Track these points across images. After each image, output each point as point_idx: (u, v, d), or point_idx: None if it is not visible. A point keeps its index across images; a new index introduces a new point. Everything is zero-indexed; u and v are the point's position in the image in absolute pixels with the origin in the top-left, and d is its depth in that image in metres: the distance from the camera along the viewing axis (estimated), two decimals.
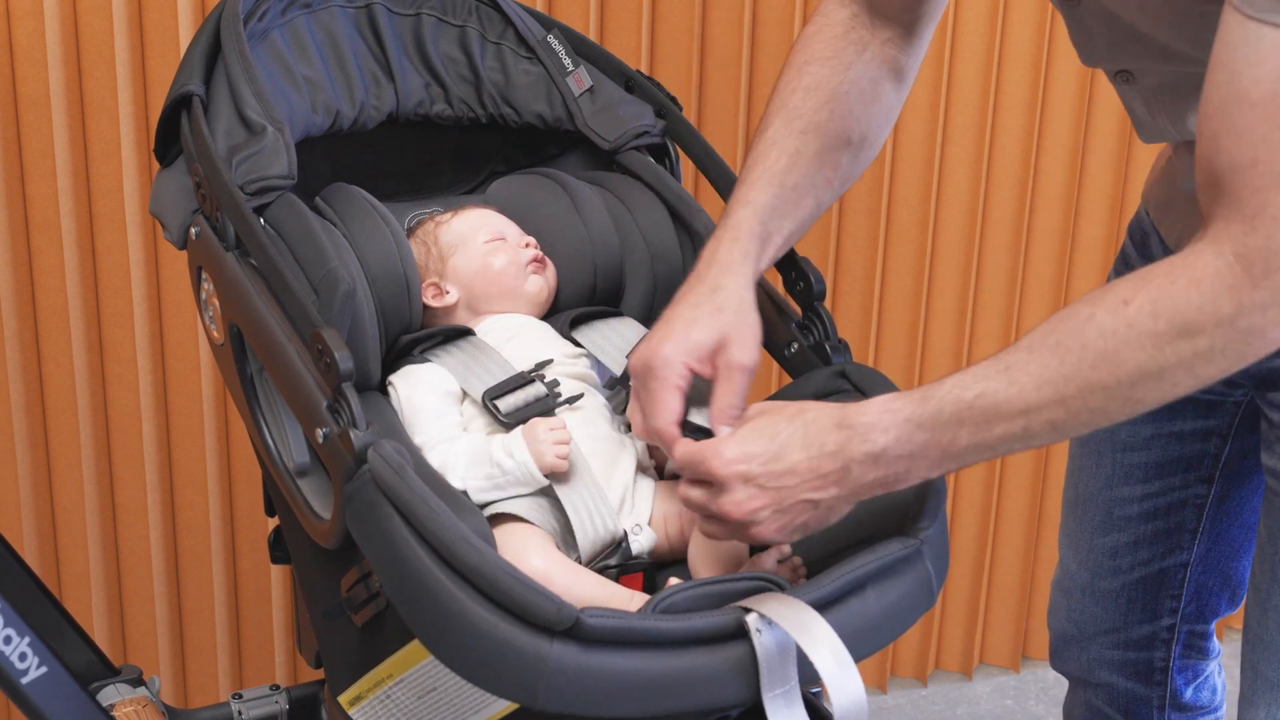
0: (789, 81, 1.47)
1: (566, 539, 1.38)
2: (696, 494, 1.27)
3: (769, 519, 1.25)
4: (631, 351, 1.41)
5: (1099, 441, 1.69)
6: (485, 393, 1.43)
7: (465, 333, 1.51)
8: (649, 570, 1.40)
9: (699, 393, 1.39)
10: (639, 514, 1.41)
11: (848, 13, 1.48)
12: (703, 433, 1.35)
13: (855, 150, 1.47)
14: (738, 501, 1.24)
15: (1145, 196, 1.61)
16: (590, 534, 1.37)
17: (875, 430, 1.23)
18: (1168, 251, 1.55)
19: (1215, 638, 1.78)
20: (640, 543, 1.39)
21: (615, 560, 1.38)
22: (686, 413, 1.37)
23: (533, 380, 1.44)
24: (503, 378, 1.45)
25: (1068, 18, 1.44)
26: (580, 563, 1.36)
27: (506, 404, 1.42)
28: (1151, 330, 1.17)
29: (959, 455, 1.22)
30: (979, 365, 1.23)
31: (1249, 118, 1.13)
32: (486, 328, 1.53)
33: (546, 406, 1.42)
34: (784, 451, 1.24)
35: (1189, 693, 1.77)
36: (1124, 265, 1.65)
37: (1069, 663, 1.81)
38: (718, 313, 1.37)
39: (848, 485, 1.24)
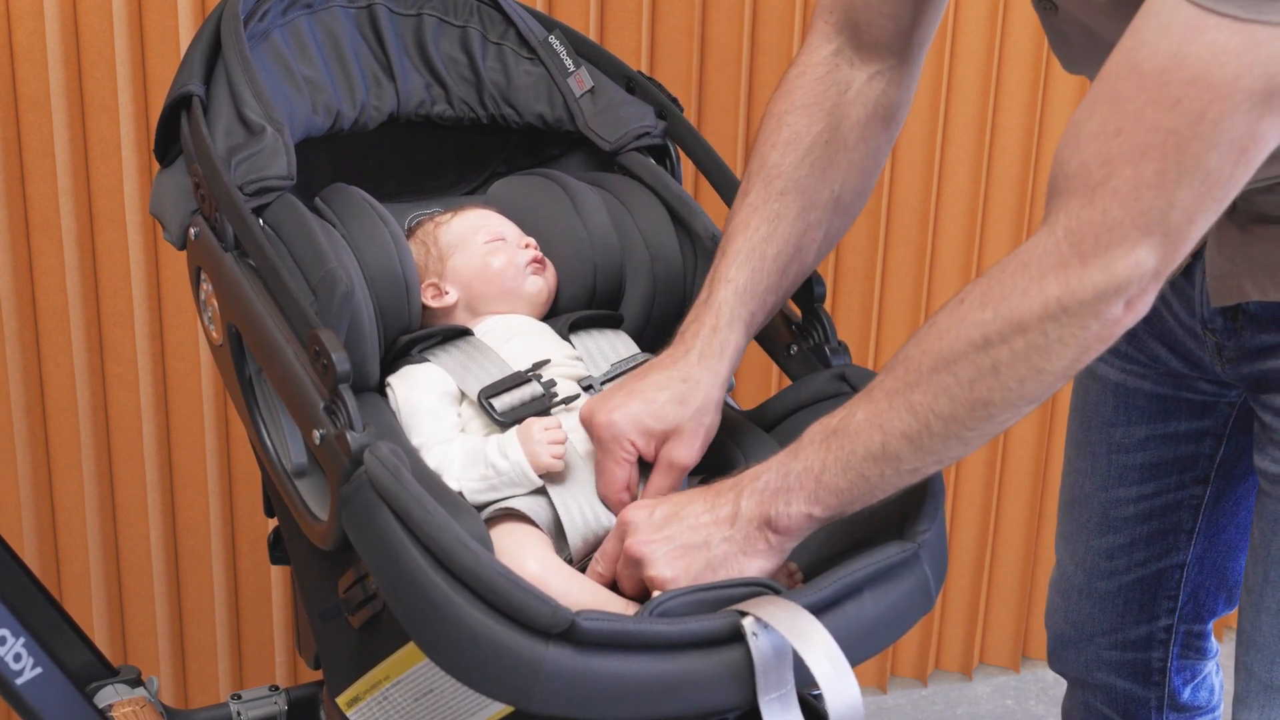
0: (768, 135, 1.44)
1: (562, 538, 1.38)
2: (611, 551, 1.30)
3: (664, 558, 1.25)
4: (589, 403, 1.40)
5: (1094, 443, 1.69)
6: (481, 391, 1.43)
7: (464, 333, 1.51)
8: None
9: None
10: None
11: (831, 48, 1.45)
12: None
13: (840, 206, 1.45)
14: (638, 540, 1.26)
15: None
16: (582, 533, 1.36)
17: (761, 467, 1.25)
18: None
19: (1213, 638, 1.78)
20: None
21: None
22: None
23: (529, 380, 1.44)
24: (500, 377, 1.45)
25: (1046, 26, 1.43)
26: (571, 562, 1.36)
27: (502, 403, 1.42)
28: (980, 320, 1.15)
29: (832, 485, 1.22)
30: (853, 397, 1.24)
31: (1131, 86, 1.10)
32: (485, 328, 1.53)
33: (542, 406, 1.42)
34: (687, 498, 1.28)
35: (1187, 693, 1.77)
36: None
37: (1067, 664, 1.82)
38: (679, 404, 1.37)
39: (739, 524, 1.24)
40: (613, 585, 1.35)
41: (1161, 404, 1.62)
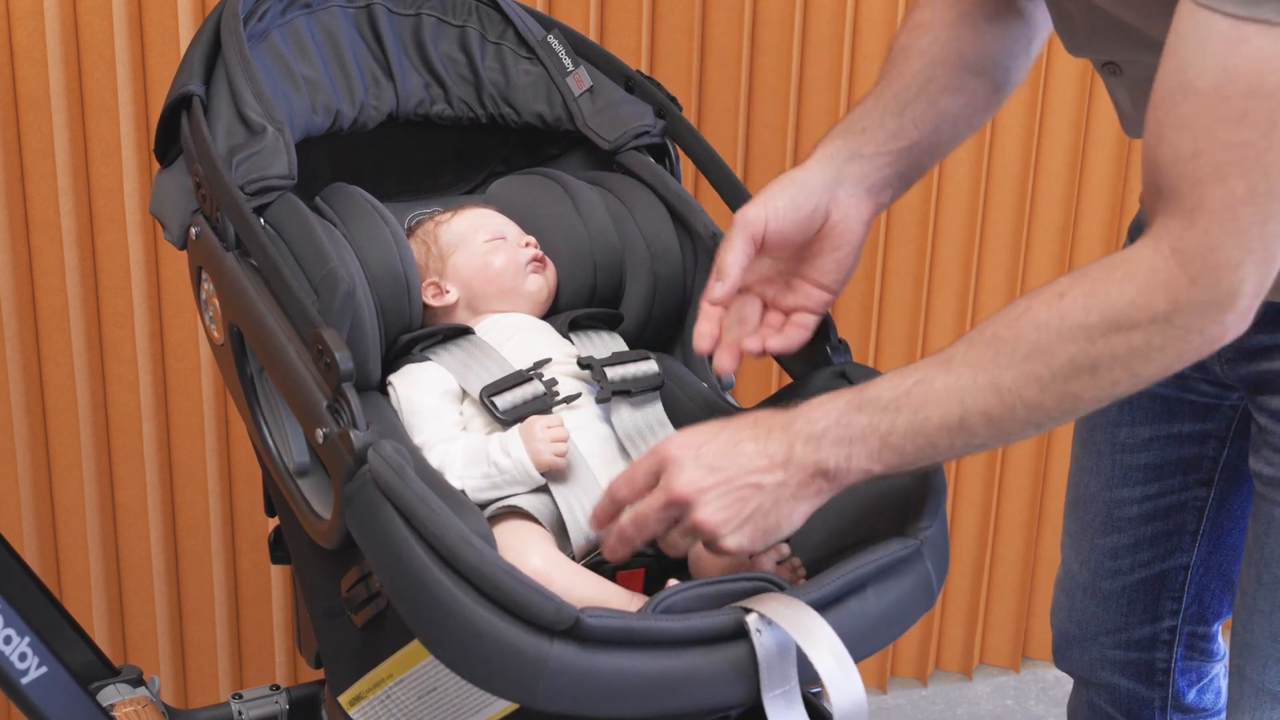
0: (893, 43, 1.48)
1: (565, 534, 1.38)
2: (655, 496, 1.25)
3: (716, 500, 1.22)
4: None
5: (1100, 442, 1.69)
6: (483, 390, 1.43)
7: (465, 331, 1.51)
8: (649, 569, 1.40)
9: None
10: None
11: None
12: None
13: (970, 68, 1.45)
14: (687, 481, 1.22)
15: (1142, 197, 1.61)
16: (584, 531, 1.36)
17: (816, 411, 1.23)
18: None
19: (1219, 640, 1.78)
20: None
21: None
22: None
23: (530, 379, 1.44)
24: (501, 376, 1.45)
25: (1050, 7, 1.44)
26: (576, 558, 1.36)
27: (504, 401, 1.42)
28: (1083, 323, 1.16)
29: (898, 446, 1.21)
30: (924, 359, 1.23)
31: (1193, 108, 1.12)
32: (486, 327, 1.53)
33: (544, 405, 1.42)
34: (733, 434, 1.24)
35: (1192, 695, 1.77)
36: None
37: (1071, 662, 1.81)
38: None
39: (792, 468, 1.22)
40: (605, 571, 1.35)
41: (1165, 405, 1.62)
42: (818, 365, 1.50)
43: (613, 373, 1.46)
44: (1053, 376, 1.17)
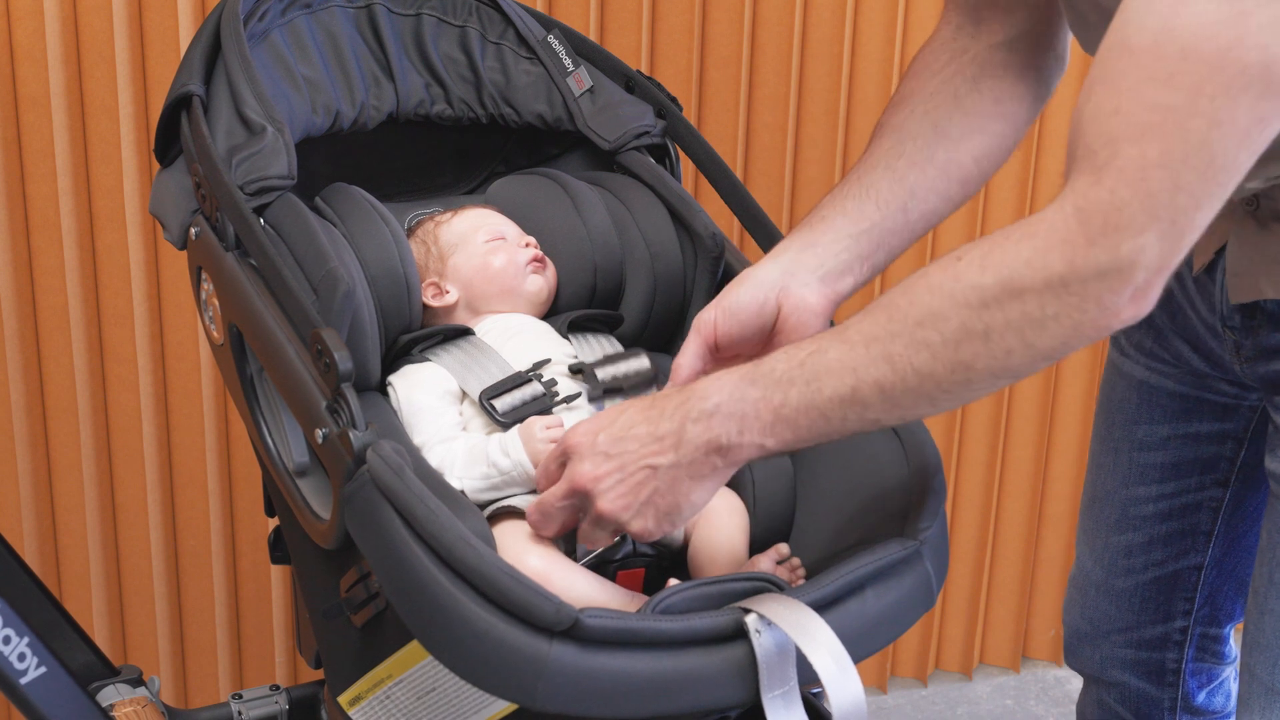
0: (896, 100, 1.44)
1: (566, 536, 1.38)
2: (559, 486, 1.26)
3: (613, 488, 1.22)
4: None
5: (1118, 439, 1.68)
6: (482, 392, 1.43)
7: (465, 332, 1.51)
8: (648, 569, 1.40)
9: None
10: None
11: (952, 26, 1.46)
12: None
13: (942, 131, 1.42)
14: (586, 470, 1.23)
15: None
16: None
17: (710, 387, 1.21)
18: None
19: (1231, 643, 1.77)
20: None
21: (615, 557, 1.38)
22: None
23: (530, 380, 1.44)
24: (501, 377, 1.45)
25: (1065, 6, 1.43)
26: (577, 558, 1.36)
27: (503, 403, 1.42)
28: (977, 284, 1.13)
29: (791, 419, 1.18)
30: (823, 330, 1.21)
31: (1124, 65, 1.09)
32: (486, 327, 1.53)
33: (543, 406, 1.42)
34: (628, 418, 1.24)
35: (1202, 696, 1.77)
36: None
37: (1082, 660, 1.81)
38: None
39: (684, 448, 1.20)
40: (605, 571, 1.35)
41: (1184, 403, 1.61)
42: None
43: (603, 373, 1.46)
44: (943, 342, 1.14)
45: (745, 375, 1.21)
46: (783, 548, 1.38)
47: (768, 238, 1.55)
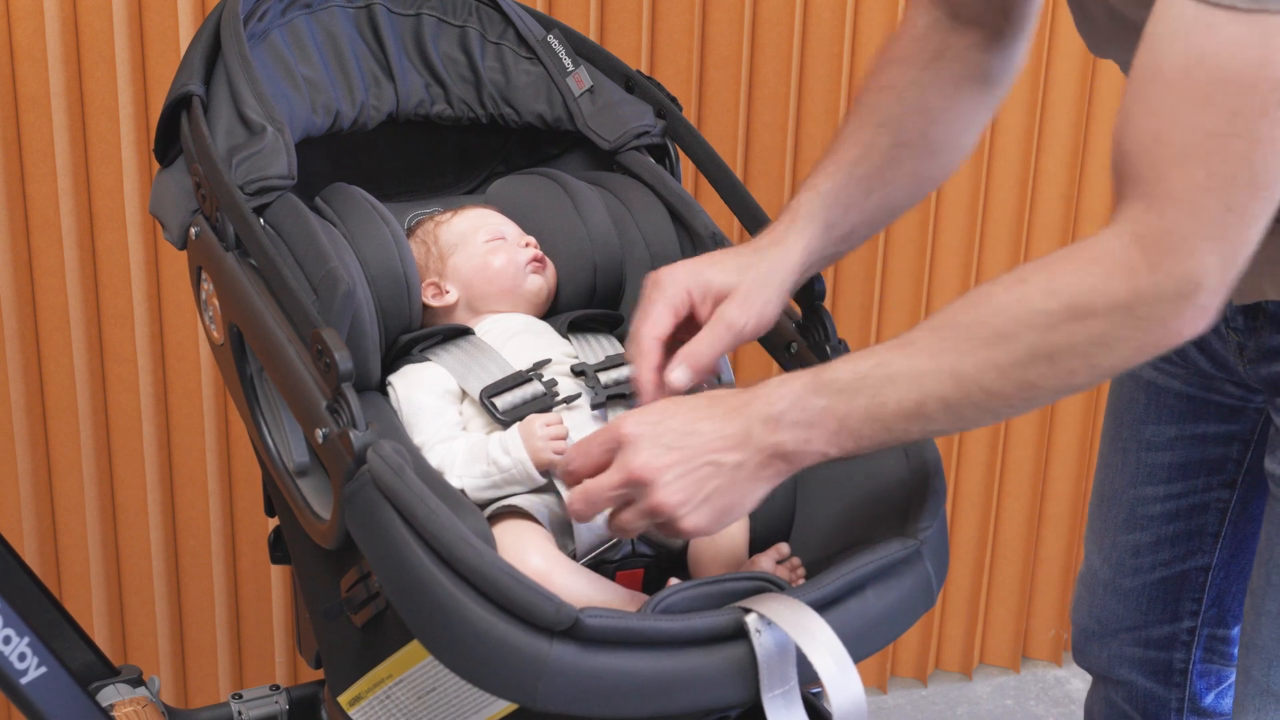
0: (868, 81, 1.46)
1: (565, 534, 1.38)
2: (612, 475, 1.24)
3: (675, 480, 1.21)
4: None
5: (1125, 439, 1.68)
6: (482, 391, 1.43)
7: (465, 332, 1.51)
8: (648, 569, 1.40)
9: None
10: None
11: (928, 20, 1.46)
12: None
13: (932, 150, 1.45)
14: (645, 460, 1.21)
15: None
16: (588, 529, 1.36)
17: (775, 392, 1.22)
18: None
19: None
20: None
21: (615, 557, 1.38)
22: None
23: (530, 379, 1.44)
24: (501, 376, 1.45)
25: (1072, 7, 1.43)
26: (576, 557, 1.36)
27: (504, 401, 1.42)
28: (1044, 309, 1.15)
29: (855, 430, 1.20)
30: (883, 342, 1.22)
31: (1159, 92, 1.11)
32: (486, 327, 1.53)
33: (544, 405, 1.42)
34: (690, 413, 1.24)
35: (1210, 698, 1.77)
36: None
37: (1090, 658, 1.81)
38: (744, 269, 1.37)
39: (749, 449, 1.21)
40: (605, 571, 1.34)
41: (1191, 404, 1.61)
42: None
43: (606, 377, 1.46)
44: (1012, 363, 1.16)
45: (808, 384, 1.22)
46: (783, 547, 1.38)
47: None
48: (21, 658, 1.49)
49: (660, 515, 1.23)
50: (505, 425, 1.40)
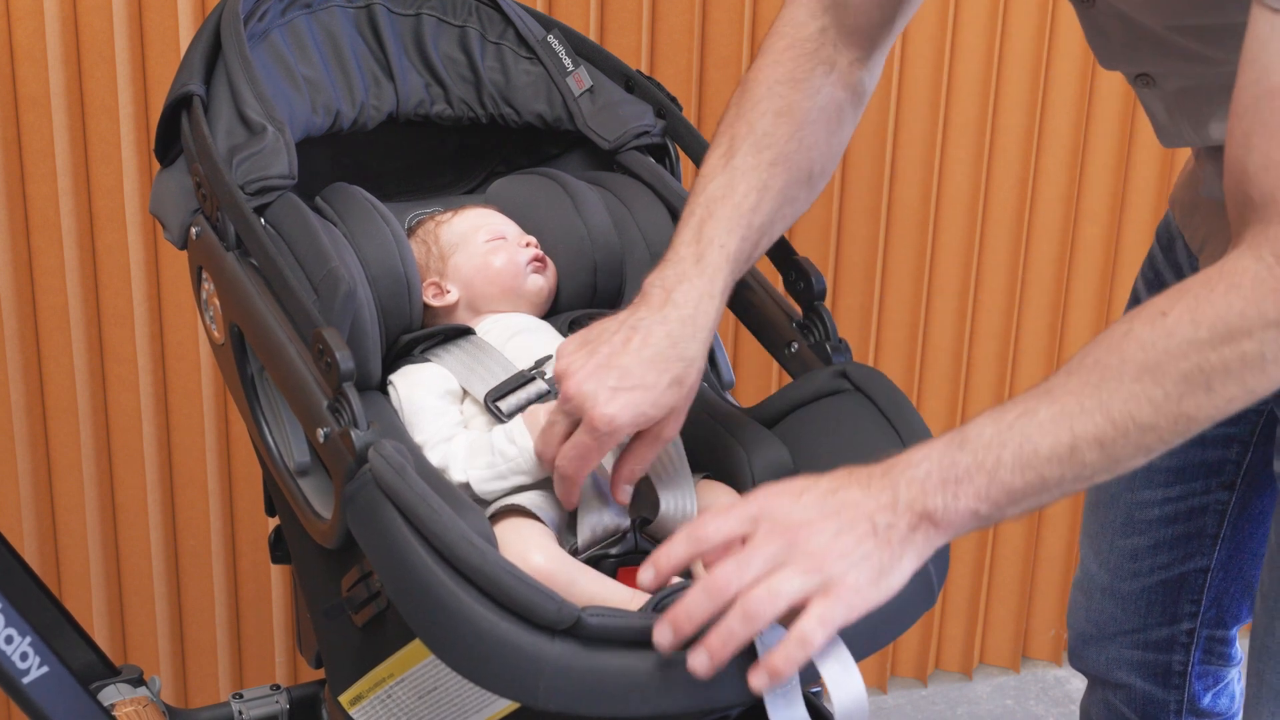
0: (758, 102, 1.42)
1: (567, 529, 1.37)
2: (756, 543, 1.13)
3: (832, 540, 1.13)
4: (577, 377, 1.32)
5: None
6: (487, 395, 1.43)
7: (466, 332, 1.51)
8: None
9: None
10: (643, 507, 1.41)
11: (817, 25, 1.44)
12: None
13: (814, 183, 1.44)
14: (799, 519, 1.14)
15: (1172, 200, 1.60)
16: (594, 521, 1.36)
17: (916, 455, 1.17)
18: (1192, 256, 1.55)
19: (1237, 645, 1.77)
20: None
21: (616, 550, 1.38)
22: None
23: (533, 378, 1.44)
24: (504, 376, 1.44)
25: (1082, 19, 1.43)
26: (578, 550, 1.36)
27: (508, 405, 1.42)
28: (1193, 338, 1.12)
29: (1006, 482, 1.14)
30: (1020, 394, 1.17)
31: (1278, 112, 1.10)
32: (487, 327, 1.53)
33: (548, 403, 1.42)
34: (830, 484, 1.17)
35: (1208, 698, 1.77)
36: (1150, 269, 1.64)
37: (1087, 662, 1.81)
38: (676, 386, 1.32)
39: (900, 512, 1.14)
40: (606, 566, 1.34)
41: None
42: (817, 364, 1.50)
43: None
44: (1165, 396, 1.13)
45: (952, 441, 1.16)
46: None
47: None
48: (24, 657, 1.49)
49: (821, 571, 1.13)
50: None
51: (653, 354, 1.31)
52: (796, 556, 1.13)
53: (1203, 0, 1.24)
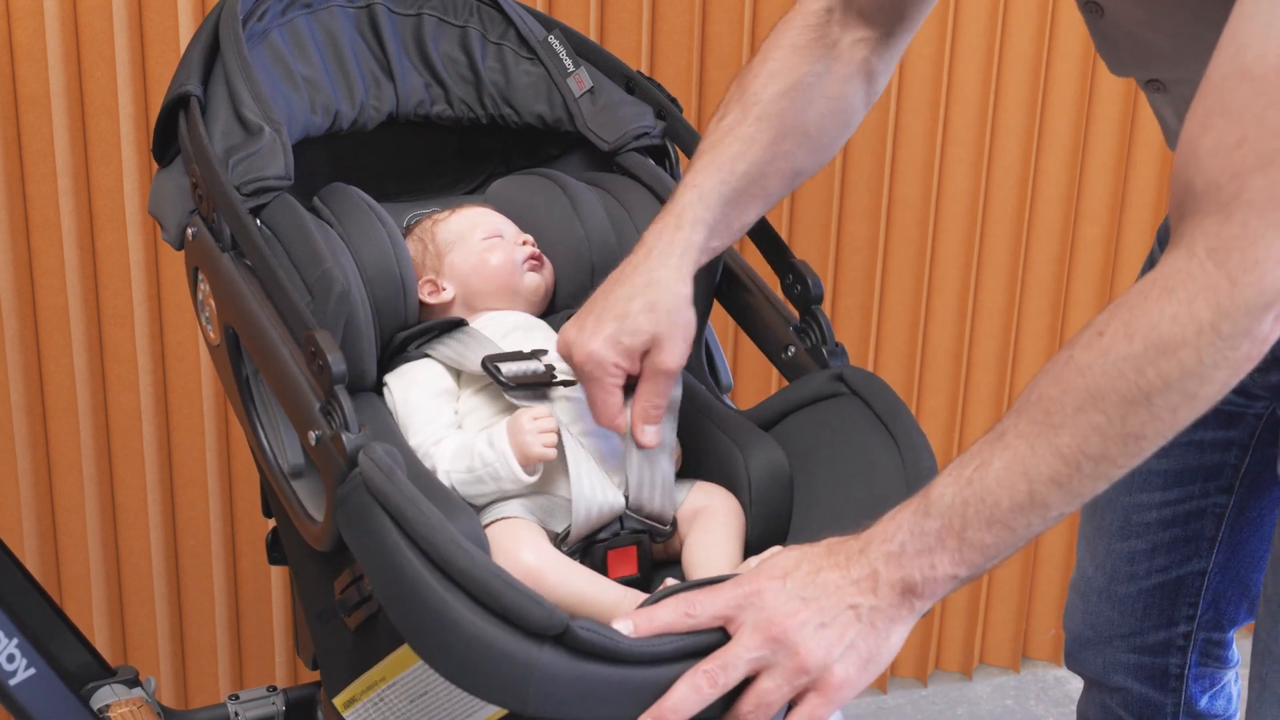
0: (754, 66, 1.46)
1: (559, 521, 1.37)
2: (746, 636, 1.15)
3: (817, 631, 1.14)
4: (564, 332, 1.39)
5: None
6: (485, 357, 1.42)
7: (460, 324, 1.50)
8: (641, 545, 1.39)
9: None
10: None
11: (823, 5, 1.47)
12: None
13: (811, 144, 1.45)
14: (777, 616, 1.14)
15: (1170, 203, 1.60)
16: (586, 505, 1.36)
17: (888, 528, 1.16)
18: None
19: (1234, 647, 1.77)
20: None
21: (605, 535, 1.38)
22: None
23: (531, 357, 1.44)
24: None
25: (1092, 29, 1.42)
26: (569, 538, 1.36)
27: (509, 368, 1.41)
28: (1128, 354, 1.08)
29: (977, 541, 1.13)
30: (974, 444, 1.17)
31: (1247, 93, 1.06)
32: (482, 323, 1.52)
33: (546, 379, 1.42)
34: (809, 567, 1.17)
35: (1204, 701, 1.76)
36: (1150, 269, 1.64)
37: (1084, 664, 1.81)
38: (650, 311, 1.35)
39: (881, 591, 1.14)
40: (597, 552, 1.35)
41: None
42: (814, 368, 1.50)
43: None
44: (1108, 421, 1.10)
45: (917, 509, 1.15)
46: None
47: (766, 239, 1.55)
48: (10, 659, 1.49)
49: (808, 673, 1.14)
50: (509, 389, 1.39)
51: (626, 290, 1.36)
52: (781, 657, 1.14)
53: (1212, 16, 1.23)
